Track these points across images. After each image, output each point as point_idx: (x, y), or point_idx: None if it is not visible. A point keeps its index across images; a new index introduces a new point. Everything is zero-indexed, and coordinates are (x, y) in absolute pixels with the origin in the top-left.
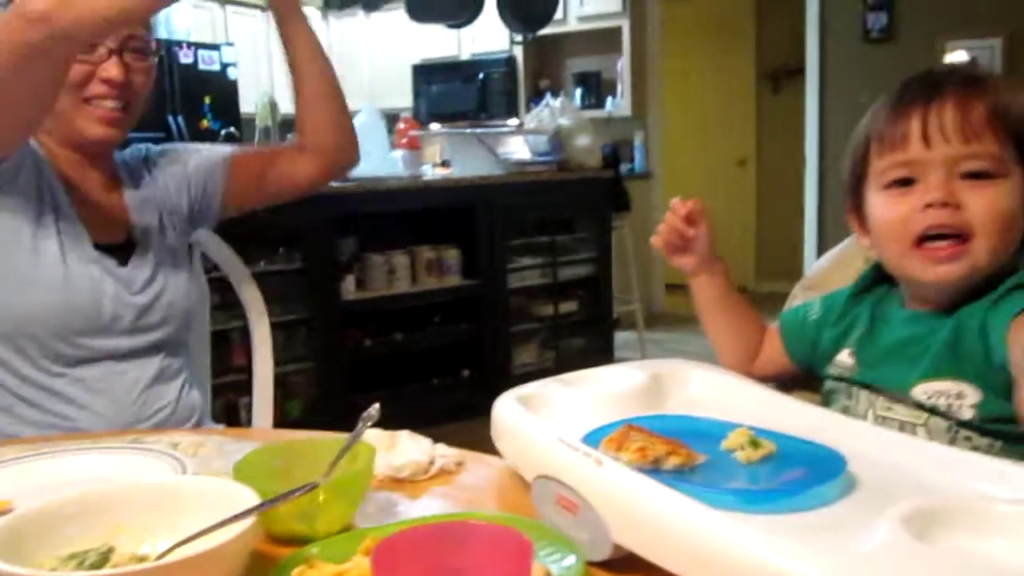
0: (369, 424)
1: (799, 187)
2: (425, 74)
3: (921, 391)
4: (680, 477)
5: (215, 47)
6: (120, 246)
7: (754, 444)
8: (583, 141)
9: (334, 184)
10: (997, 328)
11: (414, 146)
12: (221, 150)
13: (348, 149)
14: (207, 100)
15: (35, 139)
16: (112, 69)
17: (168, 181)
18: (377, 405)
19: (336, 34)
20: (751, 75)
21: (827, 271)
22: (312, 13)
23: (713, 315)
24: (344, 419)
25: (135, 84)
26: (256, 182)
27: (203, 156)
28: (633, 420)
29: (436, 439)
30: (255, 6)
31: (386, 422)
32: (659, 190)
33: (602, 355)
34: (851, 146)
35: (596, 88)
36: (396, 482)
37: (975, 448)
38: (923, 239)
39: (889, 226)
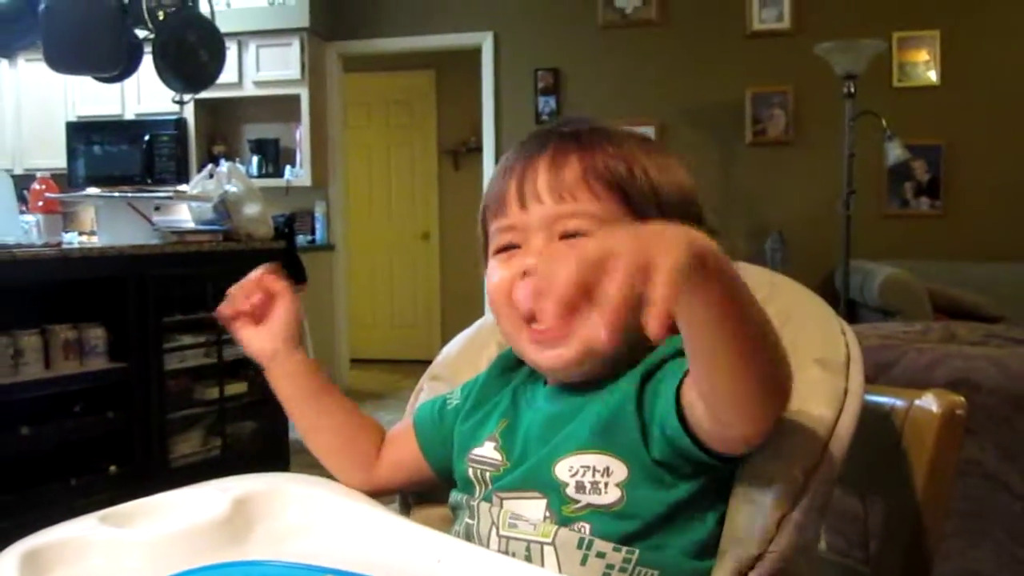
0: None
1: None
2: (83, 132)
3: (565, 467)
4: None
5: None
6: None
7: None
8: (252, 210)
9: None
10: (663, 398)
11: (52, 210)
12: None
13: None
14: None
15: None
16: None
17: None
18: None
19: None
20: (433, 151)
21: (456, 359)
22: None
23: (304, 415)
24: None
25: None
26: None
27: None
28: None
29: None
30: None
31: (11, 531)
32: (342, 262)
33: (275, 439)
34: (480, 210)
35: (275, 156)
36: None
37: (610, 567)
38: (532, 316)
39: (494, 298)
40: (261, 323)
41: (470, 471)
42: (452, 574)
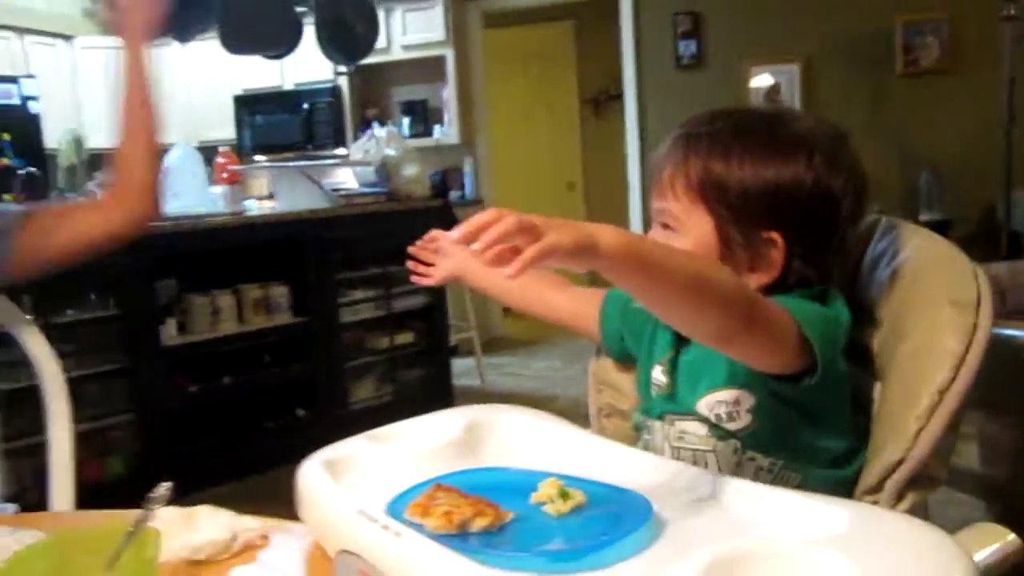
0: (157, 506)
1: (626, 207)
2: (248, 105)
3: (704, 404)
4: (487, 541)
5: (14, 80)
6: None
7: (564, 495)
8: (410, 171)
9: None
10: None
11: (235, 181)
12: (14, 209)
13: (150, 199)
14: (6, 136)
15: None
16: None
17: None
18: (167, 484)
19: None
20: (574, 100)
21: None
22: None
23: (498, 293)
24: (172, 474)
25: None
26: (46, 240)
27: None
28: (442, 478)
29: (273, 483)
30: (58, 35)
31: (219, 471)
32: None
33: (441, 384)
34: None
35: (423, 116)
36: (195, 564)
37: (759, 468)
38: None
39: None
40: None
41: (652, 389)
42: (638, 478)
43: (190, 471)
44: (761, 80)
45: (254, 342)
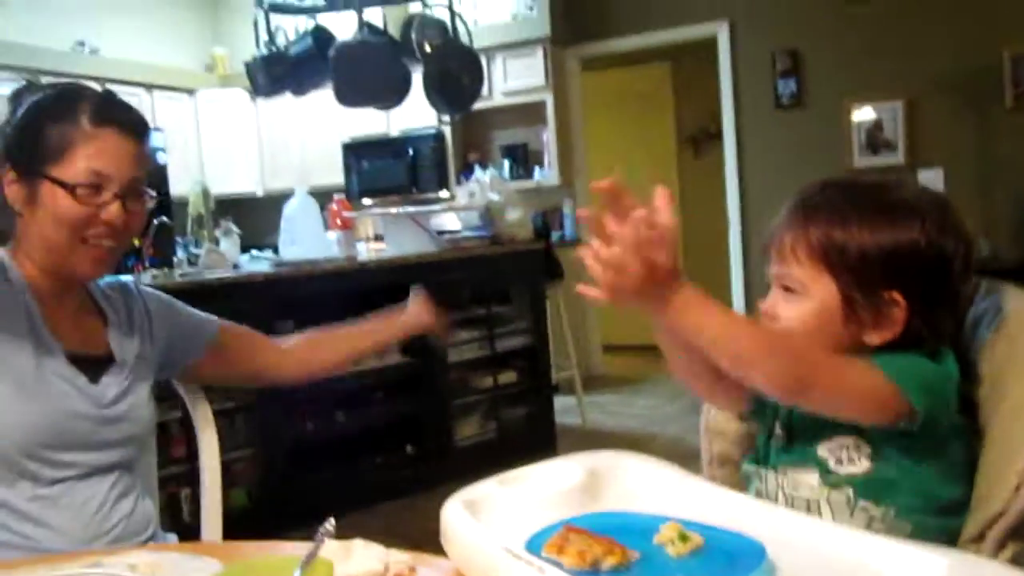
0: (326, 539)
1: (724, 246)
2: (356, 151)
3: (825, 448)
4: None
5: None
6: (92, 362)
7: (683, 538)
8: (513, 215)
9: (271, 270)
10: None
11: (348, 226)
12: (211, 319)
13: (312, 378)
14: None
15: (10, 258)
16: (115, 212)
17: (155, 330)
18: (332, 520)
19: (265, 116)
20: (672, 140)
21: None
22: (240, 96)
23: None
24: (290, 505)
25: (132, 226)
26: (234, 359)
27: (193, 321)
28: (572, 521)
29: (384, 516)
30: (182, 90)
31: (333, 503)
32: None
33: (544, 422)
34: None
35: (524, 159)
36: None
37: (871, 518)
38: None
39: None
40: None
41: (771, 441)
42: (752, 523)
43: (307, 504)
44: (863, 114)
45: (366, 381)
